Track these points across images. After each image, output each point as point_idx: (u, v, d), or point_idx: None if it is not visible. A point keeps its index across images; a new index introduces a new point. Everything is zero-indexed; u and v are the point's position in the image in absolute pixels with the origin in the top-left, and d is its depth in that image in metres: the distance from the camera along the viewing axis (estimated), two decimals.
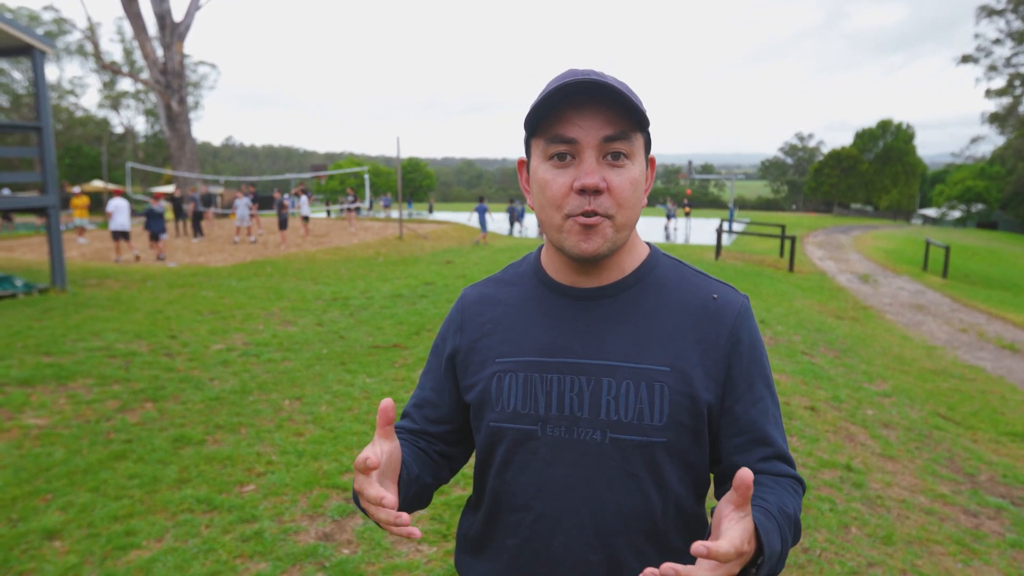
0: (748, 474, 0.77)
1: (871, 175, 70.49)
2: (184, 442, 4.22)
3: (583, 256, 1.00)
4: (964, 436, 5.27)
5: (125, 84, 54.38)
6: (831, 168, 72.36)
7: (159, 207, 15.49)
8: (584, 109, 0.97)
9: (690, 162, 51.19)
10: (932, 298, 14.22)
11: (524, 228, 29.19)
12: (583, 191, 0.96)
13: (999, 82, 55.97)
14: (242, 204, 18.78)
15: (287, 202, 17.81)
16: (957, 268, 20.35)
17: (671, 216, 33.90)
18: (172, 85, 25.32)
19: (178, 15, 25.22)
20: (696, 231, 31.72)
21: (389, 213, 35.98)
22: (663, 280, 1.09)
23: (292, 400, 5.13)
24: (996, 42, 55.51)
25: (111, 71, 39.19)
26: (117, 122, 56.54)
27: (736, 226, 32.79)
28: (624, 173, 0.98)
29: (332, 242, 18.96)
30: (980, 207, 60.42)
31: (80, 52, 48.96)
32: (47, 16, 46.98)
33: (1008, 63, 54.83)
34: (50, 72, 58.81)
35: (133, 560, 2.92)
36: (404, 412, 1.22)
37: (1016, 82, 54.41)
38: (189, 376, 5.59)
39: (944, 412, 5.87)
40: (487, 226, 22.60)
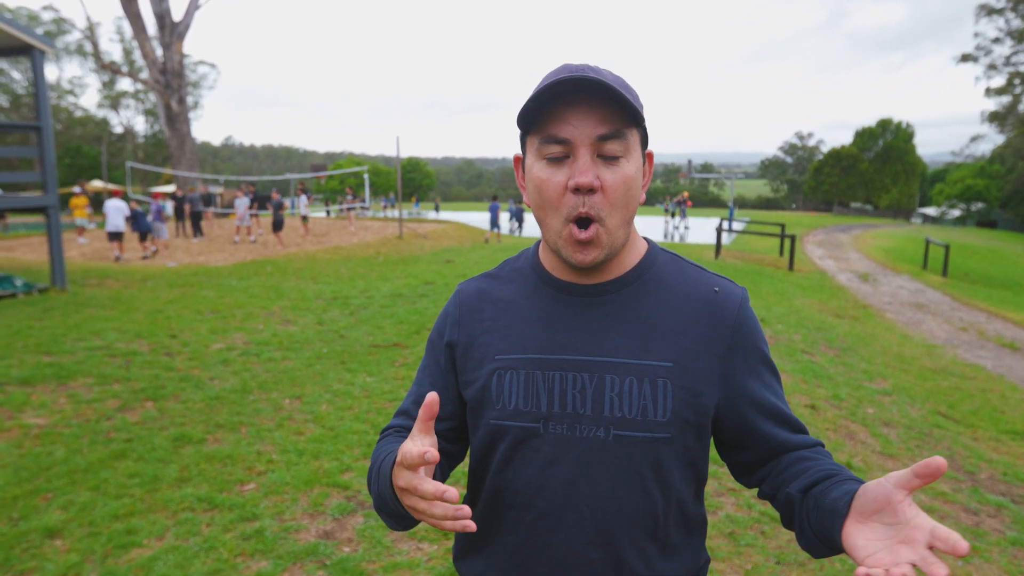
0: (943, 463, 0.73)
1: (871, 174, 70.51)
2: (184, 441, 4.22)
3: (580, 267, 1.02)
4: (964, 434, 5.27)
5: (124, 84, 54.44)
6: (831, 167, 72.37)
7: (139, 209, 15.68)
8: (577, 107, 0.96)
9: (690, 161, 51.27)
10: (932, 297, 14.23)
11: (521, 231, 27.53)
12: (577, 190, 0.96)
13: (999, 81, 56.08)
14: (242, 204, 18.80)
15: (287, 203, 17.75)
16: (957, 267, 20.35)
17: (673, 215, 33.96)
18: (172, 85, 25.31)
19: (177, 15, 25.24)
20: (696, 230, 31.72)
21: (387, 213, 35.96)
22: (662, 275, 1.09)
23: (292, 399, 5.13)
24: (996, 41, 55.52)
25: (110, 71, 39.15)
26: (117, 122, 56.59)
27: (736, 225, 32.80)
28: (619, 171, 0.98)
29: (332, 241, 18.97)
30: (980, 206, 60.47)
31: (79, 52, 48.94)
32: (46, 16, 46.99)
33: (1008, 62, 54.83)
34: (49, 72, 58.72)
35: (134, 558, 2.92)
36: (402, 410, 1.20)
37: (1016, 81, 54.40)
38: (189, 375, 5.59)
39: (944, 410, 5.87)
40: (499, 225, 22.83)
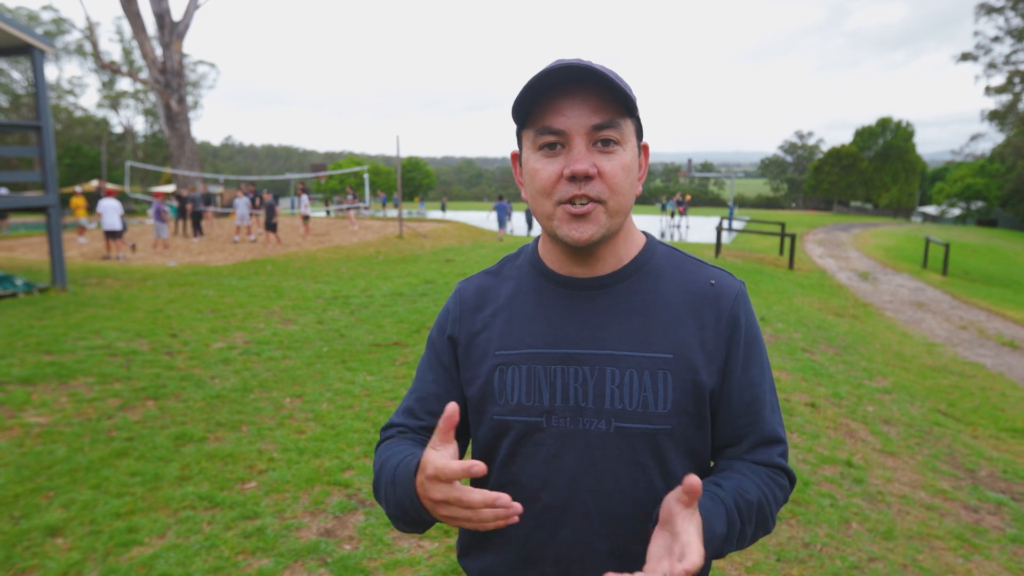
0: (696, 482, 0.82)
1: (871, 173, 70.47)
2: (185, 440, 4.23)
3: (577, 244, 1.00)
4: (964, 432, 5.27)
5: (124, 84, 54.43)
6: (831, 166, 72.33)
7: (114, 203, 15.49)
8: (571, 97, 0.96)
9: (690, 160, 51.28)
10: (932, 295, 14.23)
11: (512, 228, 26.62)
12: (573, 178, 0.96)
13: (999, 79, 55.95)
14: (242, 203, 18.82)
15: (279, 208, 17.70)
16: (957, 265, 20.35)
17: (674, 213, 33.95)
18: (171, 84, 25.31)
19: (177, 14, 25.24)
20: (696, 229, 31.72)
21: (386, 212, 35.93)
22: (661, 268, 1.09)
23: (293, 398, 5.13)
24: (995, 40, 55.48)
25: (110, 70, 39.14)
26: (116, 122, 56.57)
27: (736, 224, 32.80)
28: (615, 159, 0.98)
29: (332, 241, 18.97)
30: (980, 205, 60.42)
31: (79, 52, 48.95)
32: (46, 16, 47.02)
33: (1007, 60, 54.80)
34: (49, 72, 58.51)
35: (135, 557, 2.93)
36: (404, 408, 1.19)
37: (1016, 79, 54.36)
38: (190, 374, 5.60)
39: (944, 408, 5.87)
40: (507, 225, 23.21)
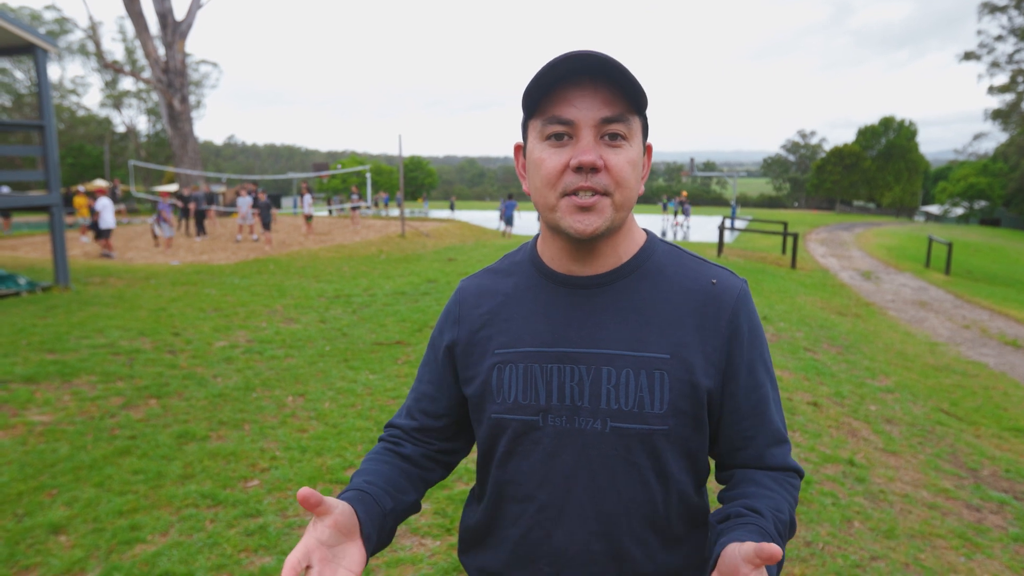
0: (777, 552, 0.78)
1: (873, 172, 70.36)
2: (188, 438, 4.24)
3: (581, 236, 0.98)
4: (967, 431, 5.27)
5: (127, 83, 54.52)
6: (833, 165, 72.25)
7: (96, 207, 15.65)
8: (582, 88, 0.95)
9: (692, 159, 51.10)
10: (935, 295, 14.20)
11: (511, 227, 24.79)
12: (580, 168, 0.95)
13: (1002, 78, 56.02)
14: (244, 203, 18.85)
15: (275, 211, 17.66)
16: (960, 265, 20.32)
17: (676, 213, 33.90)
18: (174, 84, 25.35)
19: (180, 14, 25.27)
20: (698, 228, 31.70)
21: (388, 211, 35.95)
22: (661, 266, 1.08)
23: (295, 396, 5.14)
24: (999, 39, 55.40)
25: (113, 70, 39.21)
26: (119, 121, 56.64)
27: (738, 223, 32.77)
28: (622, 153, 0.97)
29: (334, 240, 18.99)
30: (983, 204, 60.27)
31: (82, 51, 49.05)
32: (49, 15, 47.05)
33: (1011, 59, 54.71)
34: (52, 71, 58.79)
35: (138, 554, 2.94)
36: (406, 409, 1.21)
37: (1019, 78, 54.26)
38: (193, 373, 5.61)
39: (947, 408, 5.87)
40: (514, 222, 23.62)
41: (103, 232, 14.90)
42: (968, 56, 57.37)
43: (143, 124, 58.16)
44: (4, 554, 2.91)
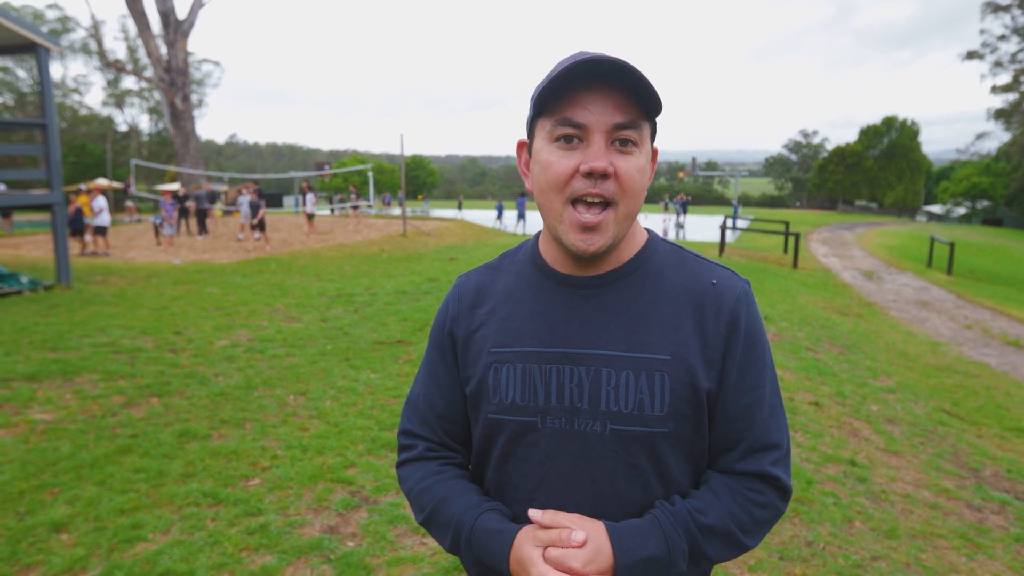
0: (537, 516, 0.99)
1: (875, 172, 70.22)
2: (189, 437, 4.24)
3: (583, 255, 0.98)
4: (968, 432, 5.26)
5: (129, 82, 54.51)
6: (835, 165, 72.11)
7: (79, 206, 15.93)
8: (596, 92, 0.94)
9: (694, 159, 51.01)
10: (937, 294, 14.18)
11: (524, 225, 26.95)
12: (590, 174, 0.94)
13: (1005, 78, 55.91)
14: (245, 202, 18.84)
15: (263, 211, 17.66)
16: (962, 265, 20.30)
17: (677, 212, 33.86)
18: (176, 83, 25.37)
19: (182, 12, 25.34)
20: (700, 228, 31.66)
21: (390, 211, 35.93)
22: (662, 266, 1.07)
23: (297, 395, 5.15)
24: (1002, 38, 55.26)
25: (115, 69, 39.28)
26: (121, 120, 56.67)
27: (740, 223, 32.74)
28: (632, 160, 0.96)
29: (336, 239, 19.00)
30: (985, 204, 60.18)
31: (84, 50, 49.08)
32: (51, 14, 47.14)
33: (1014, 59, 54.59)
34: (54, 70, 58.77)
35: (140, 552, 2.94)
36: (421, 417, 1.17)
37: (1022, 78, 54.14)
38: (194, 372, 5.61)
39: (948, 408, 5.86)
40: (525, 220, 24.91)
41: (99, 229, 14.98)
42: (971, 55, 57.26)
43: (145, 123, 58.15)
44: (6, 552, 2.92)
